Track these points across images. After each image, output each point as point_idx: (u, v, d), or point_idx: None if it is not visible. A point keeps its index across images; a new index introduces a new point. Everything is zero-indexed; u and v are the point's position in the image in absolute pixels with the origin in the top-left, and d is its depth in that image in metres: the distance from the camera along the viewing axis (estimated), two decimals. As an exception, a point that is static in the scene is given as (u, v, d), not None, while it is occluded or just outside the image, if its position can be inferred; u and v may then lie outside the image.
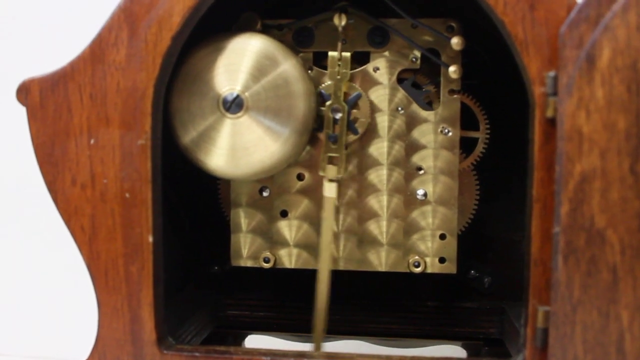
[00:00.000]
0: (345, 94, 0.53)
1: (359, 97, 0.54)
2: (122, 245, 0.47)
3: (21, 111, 0.52)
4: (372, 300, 0.63)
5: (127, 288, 0.48)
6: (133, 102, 0.46)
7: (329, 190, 0.53)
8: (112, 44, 0.46)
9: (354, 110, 0.54)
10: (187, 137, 0.50)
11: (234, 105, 0.49)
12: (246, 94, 0.49)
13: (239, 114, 0.49)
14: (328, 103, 0.53)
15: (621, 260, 0.41)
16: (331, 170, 0.53)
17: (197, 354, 0.47)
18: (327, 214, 0.54)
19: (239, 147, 0.50)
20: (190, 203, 0.62)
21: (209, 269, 0.65)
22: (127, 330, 0.48)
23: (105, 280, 0.48)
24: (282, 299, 0.64)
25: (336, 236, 0.56)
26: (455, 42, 0.51)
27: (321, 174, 0.54)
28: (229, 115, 0.49)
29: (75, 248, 0.68)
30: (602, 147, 0.41)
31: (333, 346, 0.64)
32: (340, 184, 0.55)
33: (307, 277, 0.62)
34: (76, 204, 0.48)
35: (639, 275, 0.40)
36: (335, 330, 0.63)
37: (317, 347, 0.55)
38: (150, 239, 0.47)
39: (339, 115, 0.53)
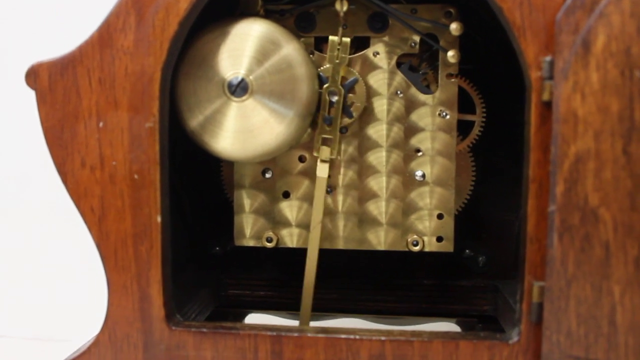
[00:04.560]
0: (343, 78, 0.54)
1: (355, 82, 0.55)
2: (131, 225, 0.48)
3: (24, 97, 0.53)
4: (370, 279, 0.65)
5: (137, 267, 0.49)
6: (141, 86, 0.47)
7: (322, 170, 0.55)
8: (120, 29, 0.47)
9: (350, 95, 0.55)
10: (194, 121, 0.51)
11: (239, 88, 0.50)
12: (250, 77, 0.50)
13: (244, 98, 0.50)
14: (325, 86, 0.54)
15: (613, 237, 0.42)
16: (324, 152, 0.55)
17: (204, 330, 0.49)
18: (318, 193, 0.55)
19: (244, 130, 0.51)
20: (192, 185, 0.64)
21: (211, 250, 0.66)
22: (136, 307, 0.49)
23: (114, 259, 0.49)
24: (282, 278, 0.65)
25: (337, 216, 0.57)
26: (454, 27, 0.52)
27: (315, 154, 0.55)
28: (234, 98, 0.50)
29: (77, 230, 0.68)
30: (596, 129, 0.42)
31: (332, 324, 0.66)
32: (336, 165, 0.56)
33: (305, 256, 0.64)
34: (86, 186, 0.49)
35: (630, 251, 0.42)
36: (334, 308, 0.65)
37: (305, 323, 0.57)
38: (159, 219, 0.48)
39: (335, 99, 0.54)
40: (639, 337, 0.42)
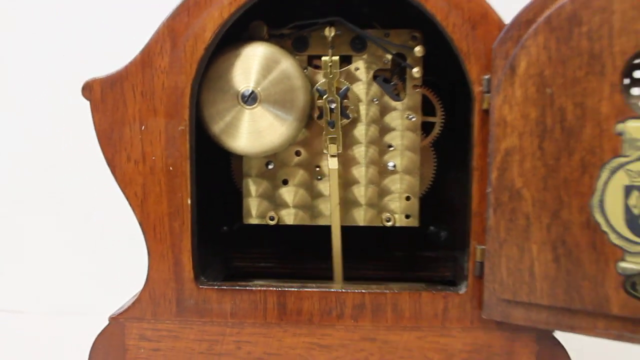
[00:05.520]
0: (337, 89, 0.63)
1: (347, 90, 0.65)
2: (167, 206, 0.59)
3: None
4: (351, 252, 0.73)
5: (171, 239, 0.60)
6: (175, 98, 0.59)
7: (332, 163, 0.64)
8: (158, 53, 0.59)
9: (345, 100, 0.64)
10: (216, 127, 0.62)
11: (250, 99, 0.61)
12: (258, 89, 0.62)
13: (254, 106, 0.61)
14: (324, 97, 0.64)
15: (532, 210, 0.53)
16: (332, 148, 0.64)
17: (224, 287, 0.61)
18: (333, 182, 0.64)
19: (255, 132, 0.61)
20: (205, 176, 0.74)
21: (220, 229, 0.76)
22: (171, 271, 0.60)
23: (154, 233, 0.60)
24: (280, 252, 0.76)
25: (326, 199, 0.67)
26: (418, 50, 0.64)
27: (325, 152, 0.64)
28: (246, 107, 0.61)
29: (88, 211, 0.77)
30: (520, 130, 0.53)
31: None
32: (325, 157, 0.65)
33: (300, 234, 0.72)
34: (131, 176, 0.60)
35: (544, 220, 0.53)
36: (319, 276, 0.73)
37: (339, 282, 0.67)
38: (189, 201, 0.59)
39: (334, 105, 0.64)
40: (550, 283, 0.53)
